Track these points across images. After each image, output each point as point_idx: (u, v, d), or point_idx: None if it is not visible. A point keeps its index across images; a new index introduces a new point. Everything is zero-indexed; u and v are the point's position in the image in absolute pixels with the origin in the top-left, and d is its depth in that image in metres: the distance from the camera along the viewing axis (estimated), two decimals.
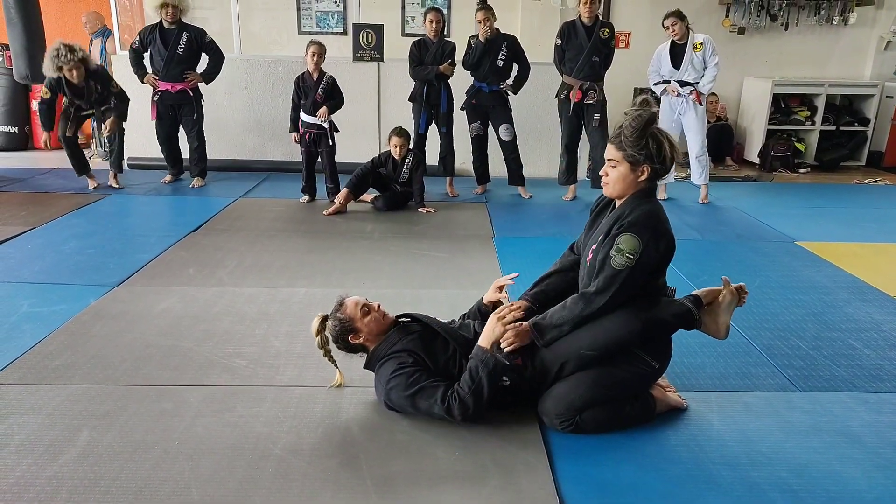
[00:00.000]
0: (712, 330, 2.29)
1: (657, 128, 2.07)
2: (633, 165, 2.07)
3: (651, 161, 2.06)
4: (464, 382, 2.11)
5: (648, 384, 2.28)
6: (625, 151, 2.06)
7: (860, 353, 2.82)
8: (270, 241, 4.20)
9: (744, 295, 2.32)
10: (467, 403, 2.09)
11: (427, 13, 5.26)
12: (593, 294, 2.09)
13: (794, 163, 7.04)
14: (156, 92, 5.47)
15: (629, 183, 2.10)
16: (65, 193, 5.25)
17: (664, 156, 2.06)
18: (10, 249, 3.94)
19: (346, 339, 2.28)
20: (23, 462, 1.98)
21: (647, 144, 2.04)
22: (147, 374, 2.51)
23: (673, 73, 5.21)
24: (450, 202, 5.34)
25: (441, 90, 5.28)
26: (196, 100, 5.54)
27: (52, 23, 6.75)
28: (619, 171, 2.09)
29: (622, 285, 2.05)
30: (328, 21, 7.32)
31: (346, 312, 2.27)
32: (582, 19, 5.03)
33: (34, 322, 2.94)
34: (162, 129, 5.58)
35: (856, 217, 5.13)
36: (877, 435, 2.23)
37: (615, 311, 2.10)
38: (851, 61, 7.43)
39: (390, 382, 2.18)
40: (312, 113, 5.00)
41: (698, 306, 2.24)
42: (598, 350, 2.11)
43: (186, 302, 3.19)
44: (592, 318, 2.10)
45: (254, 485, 1.91)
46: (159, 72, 5.42)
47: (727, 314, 2.28)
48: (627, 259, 2.03)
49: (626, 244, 2.03)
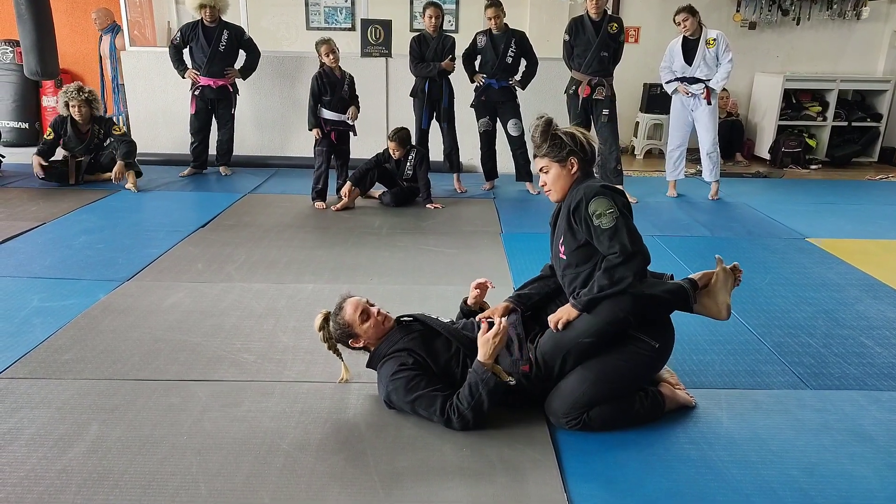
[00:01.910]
0: (713, 311, 2.27)
1: (558, 127, 2.22)
2: (561, 163, 2.19)
3: (574, 153, 2.17)
4: (463, 397, 2.11)
5: (652, 370, 2.27)
6: (547, 154, 2.19)
7: (872, 351, 2.79)
8: (278, 236, 4.20)
9: (738, 273, 2.30)
10: (466, 418, 2.11)
11: (426, 8, 5.24)
12: (616, 258, 2.06)
13: (806, 159, 6.98)
14: (196, 87, 5.60)
15: (565, 179, 2.21)
16: (74, 189, 5.28)
17: (580, 143, 2.18)
18: (20, 244, 3.96)
19: (347, 343, 2.30)
20: (33, 456, 2.00)
21: (559, 140, 2.18)
22: (156, 369, 2.52)
23: (685, 69, 5.15)
24: (457, 198, 5.33)
25: (442, 85, 5.28)
26: (233, 95, 5.75)
27: (61, 19, 6.79)
28: (553, 173, 2.22)
29: (627, 231, 2.06)
30: (336, 17, 7.32)
31: (344, 318, 2.26)
32: (590, 14, 5.00)
33: (44, 317, 2.96)
34: (197, 122, 5.73)
35: (868, 214, 5.08)
36: (888, 433, 2.20)
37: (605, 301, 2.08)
38: (864, 56, 7.35)
39: (390, 385, 2.19)
40: (338, 110, 4.93)
41: (694, 287, 2.24)
42: (596, 335, 2.11)
43: (195, 297, 3.20)
44: (631, 274, 2.04)
45: (261, 480, 1.91)
46: (200, 67, 5.57)
47: (725, 293, 2.26)
48: (610, 214, 2.07)
49: (599, 206, 2.08)
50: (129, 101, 6.35)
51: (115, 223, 4.42)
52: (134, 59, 6.27)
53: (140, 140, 6.33)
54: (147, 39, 6.65)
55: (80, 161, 5.39)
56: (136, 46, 6.33)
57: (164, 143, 6.30)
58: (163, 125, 6.29)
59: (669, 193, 5.52)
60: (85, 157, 5.41)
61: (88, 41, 7.26)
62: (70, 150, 5.35)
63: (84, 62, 7.38)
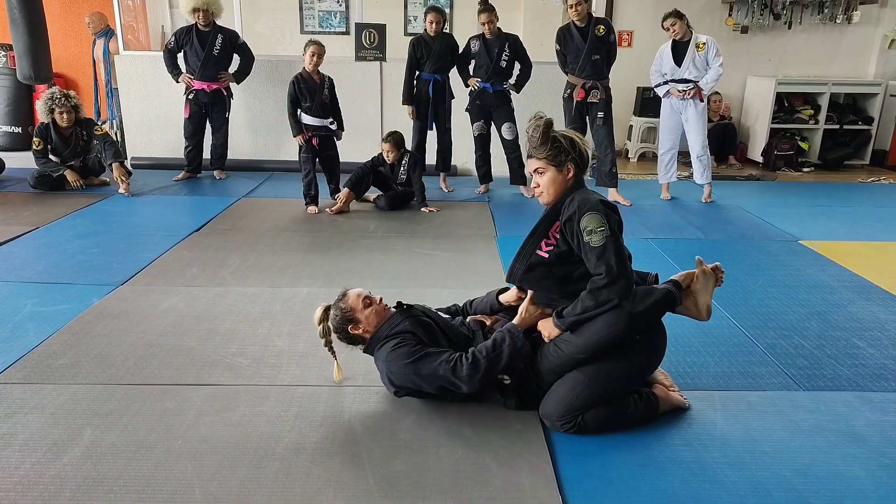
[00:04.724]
0: (693, 312, 2.29)
1: (558, 130, 2.20)
2: (558, 167, 2.17)
3: (573, 159, 2.17)
4: (484, 347, 2.14)
5: (646, 372, 2.28)
6: (545, 157, 2.17)
7: (864, 353, 2.81)
8: (273, 240, 4.20)
9: (720, 273, 2.31)
10: (479, 366, 2.10)
11: (427, 13, 5.28)
12: (601, 279, 2.07)
13: (798, 161, 7.02)
14: (190, 90, 5.61)
15: (559, 184, 2.20)
16: (68, 193, 5.26)
17: (578, 149, 2.18)
18: (13, 249, 3.95)
19: (347, 329, 2.29)
20: (26, 461, 1.99)
21: (559, 144, 2.16)
22: (150, 374, 2.52)
23: (675, 70, 5.19)
24: (452, 201, 5.34)
25: (445, 87, 5.31)
26: (227, 99, 5.75)
27: (55, 23, 6.77)
28: (549, 176, 2.19)
29: (615, 253, 2.06)
30: (330, 21, 7.32)
31: (347, 303, 2.30)
32: (574, 23, 5.03)
33: (38, 321, 2.94)
34: (192, 125, 5.74)
35: (860, 216, 5.11)
36: (881, 434, 2.22)
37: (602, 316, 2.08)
38: (855, 60, 7.41)
39: (391, 355, 2.19)
40: (319, 115, 4.88)
41: (679, 289, 2.25)
42: (592, 352, 2.13)
43: (189, 301, 3.20)
44: (616, 297, 2.05)
45: (256, 484, 1.91)
46: (194, 72, 5.58)
47: (706, 294, 2.28)
48: (601, 232, 2.06)
49: (592, 222, 2.07)
50: (123, 105, 6.34)
51: (109, 227, 4.41)
52: (127, 63, 6.26)
53: (133, 144, 6.34)
54: (141, 43, 6.64)
55: (73, 165, 5.37)
56: (129, 50, 6.33)
57: (158, 147, 6.29)
58: (156, 129, 6.28)
59: (663, 196, 5.55)
60: (76, 161, 5.39)
61: (82, 45, 7.24)
62: (59, 156, 5.34)
63: (77, 66, 7.36)
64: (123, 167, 5.31)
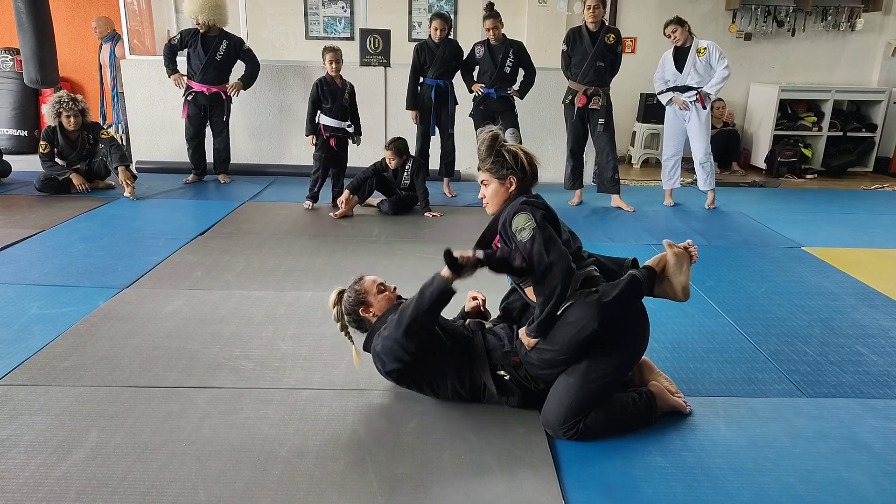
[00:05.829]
0: (671, 294, 2.27)
1: (505, 142, 2.27)
2: (500, 180, 2.26)
3: (514, 172, 2.24)
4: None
5: (634, 358, 2.29)
6: (488, 170, 2.26)
7: (867, 359, 2.81)
8: (277, 244, 4.22)
9: (693, 250, 2.29)
10: (405, 312, 2.17)
11: (433, 19, 5.31)
12: (539, 272, 2.11)
13: (801, 168, 7.03)
14: (190, 92, 5.65)
15: (502, 196, 2.28)
16: (74, 196, 5.29)
17: (521, 164, 2.25)
18: (19, 252, 3.97)
19: (358, 311, 2.36)
20: (31, 462, 2.00)
21: (502, 158, 2.24)
22: (155, 376, 2.53)
23: (677, 76, 5.21)
24: (455, 206, 5.35)
25: (448, 92, 5.34)
26: (226, 103, 5.77)
27: (62, 27, 6.82)
28: (492, 188, 2.29)
29: (543, 241, 2.10)
30: (335, 26, 7.36)
31: (363, 285, 2.39)
32: (587, 25, 5.05)
33: (43, 324, 2.96)
34: (191, 127, 5.77)
35: (863, 223, 5.11)
36: (884, 441, 2.22)
37: (572, 310, 2.11)
38: (859, 67, 7.42)
39: (384, 332, 2.24)
40: (338, 117, 5.04)
41: (651, 273, 2.24)
42: (570, 351, 2.14)
43: (194, 304, 3.21)
44: (558, 281, 2.09)
45: (260, 486, 1.92)
46: (196, 73, 5.62)
47: (681, 275, 2.26)
48: (528, 227, 2.13)
49: (520, 222, 2.15)
50: (129, 109, 6.37)
51: (114, 231, 4.43)
52: (133, 67, 6.30)
53: (139, 148, 6.37)
54: (147, 48, 6.68)
55: (79, 168, 5.40)
56: (135, 55, 6.36)
57: (163, 151, 6.32)
58: (162, 133, 6.31)
59: (666, 202, 5.55)
60: (82, 165, 5.42)
61: (88, 50, 7.30)
62: (65, 159, 5.37)
63: (84, 71, 7.41)
64: (129, 171, 5.35)
